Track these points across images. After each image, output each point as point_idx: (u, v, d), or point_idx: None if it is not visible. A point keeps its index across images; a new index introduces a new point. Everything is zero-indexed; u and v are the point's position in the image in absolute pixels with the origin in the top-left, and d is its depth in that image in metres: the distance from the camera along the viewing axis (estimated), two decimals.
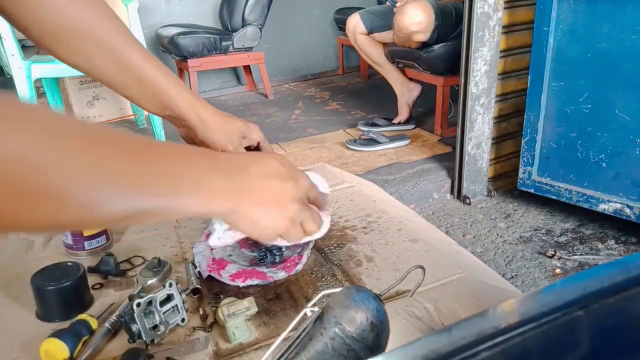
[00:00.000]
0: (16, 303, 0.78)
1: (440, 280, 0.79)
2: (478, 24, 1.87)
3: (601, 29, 1.62)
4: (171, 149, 0.46)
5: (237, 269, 0.83)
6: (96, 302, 0.78)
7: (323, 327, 0.50)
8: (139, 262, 0.89)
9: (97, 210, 0.38)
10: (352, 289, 0.54)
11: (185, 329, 0.71)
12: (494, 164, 2.24)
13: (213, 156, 0.53)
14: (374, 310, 0.52)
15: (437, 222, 2.05)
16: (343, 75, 4.41)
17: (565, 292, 0.37)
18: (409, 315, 0.71)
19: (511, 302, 0.40)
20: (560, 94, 1.79)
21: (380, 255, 0.87)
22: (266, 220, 0.53)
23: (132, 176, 0.40)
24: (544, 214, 2.04)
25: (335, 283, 0.80)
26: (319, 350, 0.49)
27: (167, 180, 0.43)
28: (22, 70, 2.26)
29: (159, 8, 3.71)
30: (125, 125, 3.15)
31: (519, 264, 1.73)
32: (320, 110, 3.33)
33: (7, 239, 0.99)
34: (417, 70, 2.71)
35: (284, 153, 2.52)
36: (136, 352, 0.63)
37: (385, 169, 2.26)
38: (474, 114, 2.04)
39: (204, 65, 3.38)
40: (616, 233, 1.86)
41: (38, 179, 0.33)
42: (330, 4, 4.35)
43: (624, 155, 1.68)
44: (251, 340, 0.68)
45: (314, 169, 1.31)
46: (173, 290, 0.69)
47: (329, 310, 0.52)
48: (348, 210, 1.06)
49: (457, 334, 0.33)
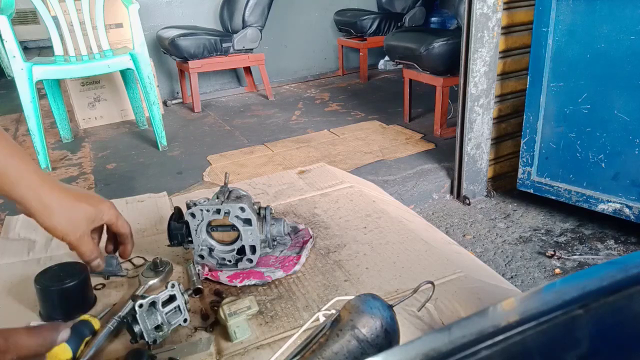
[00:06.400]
0: (19, 303, 0.78)
1: (440, 279, 0.79)
2: (477, 25, 1.88)
3: (600, 30, 1.62)
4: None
5: (233, 270, 0.84)
6: (99, 303, 0.78)
7: (339, 330, 0.52)
8: (141, 262, 0.90)
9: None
10: (368, 296, 0.56)
11: (187, 329, 0.71)
12: (494, 165, 2.25)
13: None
14: (388, 319, 0.54)
15: (437, 223, 2.06)
16: (343, 76, 4.42)
17: (565, 291, 0.37)
18: (410, 315, 0.71)
19: (511, 301, 0.40)
20: (560, 94, 1.79)
21: (380, 255, 0.88)
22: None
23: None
24: (544, 214, 2.04)
25: (335, 283, 0.80)
26: (334, 351, 0.51)
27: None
28: (24, 72, 2.27)
29: (159, 10, 3.72)
30: (127, 126, 3.16)
31: (518, 264, 1.73)
32: (321, 111, 3.34)
33: (9, 240, 0.99)
34: (416, 71, 2.72)
35: (271, 153, 2.53)
36: (139, 352, 0.64)
37: (386, 169, 2.26)
38: (473, 115, 2.05)
39: (204, 67, 3.38)
40: (615, 233, 1.87)
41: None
42: (330, 5, 4.36)
43: (623, 156, 1.69)
44: (252, 339, 0.68)
45: (314, 169, 1.31)
46: (175, 290, 0.69)
47: (346, 314, 0.53)
48: (348, 210, 1.06)
49: (457, 332, 0.33)
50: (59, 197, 0.65)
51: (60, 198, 0.65)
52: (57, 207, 0.64)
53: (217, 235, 0.82)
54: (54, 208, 0.64)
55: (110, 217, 0.71)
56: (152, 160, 2.56)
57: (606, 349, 0.36)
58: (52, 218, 0.64)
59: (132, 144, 2.83)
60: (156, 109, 2.59)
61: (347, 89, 3.92)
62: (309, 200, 1.12)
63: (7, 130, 3.31)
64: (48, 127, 3.13)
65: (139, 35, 2.49)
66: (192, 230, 0.81)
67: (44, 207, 0.63)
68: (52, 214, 0.64)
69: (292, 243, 0.92)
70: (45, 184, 0.64)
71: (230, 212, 0.78)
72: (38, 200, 0.63)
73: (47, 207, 0.64)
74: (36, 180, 0.63)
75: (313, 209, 1.08)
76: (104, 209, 0.70)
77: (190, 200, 0.82)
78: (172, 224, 0.82)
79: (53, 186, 0.65)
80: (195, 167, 2.42)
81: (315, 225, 1.00)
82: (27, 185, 0.63)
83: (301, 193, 1.17)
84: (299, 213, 1.06)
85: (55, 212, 0.64)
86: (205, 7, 3.86)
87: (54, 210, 0.64)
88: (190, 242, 0.83)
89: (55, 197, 0.64)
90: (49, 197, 0.64)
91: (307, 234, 0.94)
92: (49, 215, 0.64)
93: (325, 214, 1.05)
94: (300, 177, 1.27)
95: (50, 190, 0.64)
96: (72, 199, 0.66)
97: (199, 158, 2.55)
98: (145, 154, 2.66)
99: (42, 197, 0.63)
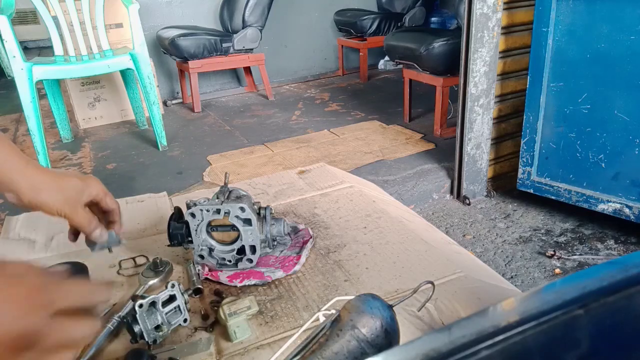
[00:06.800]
0: None
1: (440, 279, 0.79)
2: (477, 25, 1.88)
3: (600, 30, 1.62)
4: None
5: (233, 270, 0.84)
6: None
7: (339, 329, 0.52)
8: (143, 261, 0.90)
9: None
10: (368, 296, 0.56)
11: (187, 329, 0.71)
12: (494, 165, 2.25)
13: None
14: (388, 319, 0.54)
15: (437, 223, 2.06)
16: (343, 76, 4.42)
17: (565, 291, 0.37)
18: (410, 315, 0.71)
19: (511, 301, 0.40)
20: (560, 94, 1.79)
21: (380, 255, 0.88)
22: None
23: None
24: (544, 214, 2.04)
25: (335, 283, 0.80)
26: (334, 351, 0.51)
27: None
28: (24, 72, 2.27)
29: (159, 10, 3.72)
30: (127, 127, 3.16)
31: (518, 264, 1.73)
32: (321, 111, 3.34)
33: (9, 240, 0.99)
34: (416, 71, 2.72)
35: (271, 153, 2.53)
36: (139, 352, 0.64)
37: (386, 169, 2.26)
38: (473, 115, 2.05)
39: (204, 67, 3.38)
40: (615, 233, 1.87)
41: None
42: (330, 5, 4.36)
43: (623, 156, 1.69)
44: (252, 339, 0.68)
45: (314, 169, 1.31)
46: (175, 290, 0.69)
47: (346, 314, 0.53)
48: (348, 210, 1.06)
49: (457, 332, 0.33)
50: (44, 175, 0.66)
51: (46, 175, 0.66)
52: (45, 184, 0.65)
53: (217, 235, 0.83)
54: (41, 185, 0.65)
55: (98, 192, 0.71)
56: (152, 160, 2.56)
57: (606, 349, 0.36)
58: (41, 194, 0.65)
59: (132, 144, 2.83)
60: (156, 109, 2.59)
61: (347, 89, 3.92)
62: (309, 200, 1.12)
63: (7, 130, 3.32)
64: (48, 127, 3.13)
65: (139, 35, 2.49)
66: (192, 230, 0.81)
67: (32, 186, 0.65)
68: (40, 191, 0.65)
69: (292, 243, 0.92)
70: (29, 165, 0.65)
71: (230, 212, 0.79)
72: (25, 180, 0.64)
73: (35, 185, 0.65)
74: (20, 161, 0.65)
75: (313, 209, 1.08)
76: (91, 183, 0.71)
77: (190, 200, 0.82)
78: (172, 224, 0.83)
79: (37, 166, 0.67)
80: (195, 167, 2.42)
81: (315, 225, 1.00)
82: (11, 167, 0.64)
83: (301, 193, 1.17)
84: (299, 213, 1.06)
85: (43, 189, 0.65)
86: (205, 7, 3.86)
87: (42, 187, 0.65)
88: (190, 242, 0.83)
89: (40, 175, 0.66)
90: (35, 176, 0.65)
91: (307, 234, 0.94)
92: (38, 192, 0.65)
93: (325, 214, 1.05)
94: (300, 177, 1.27)
95: (35, 169, 0.66)
96: (57, 176, 0.67)
97: (199, 158, 2.55)
98: (145, 154, 2.66)
99: (28, 176, 0.65)
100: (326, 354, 0.51)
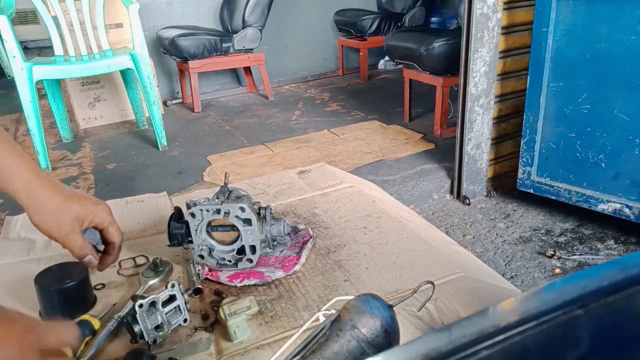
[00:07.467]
0: (19, 303, 0.78)
1: (440, 279, 0.79)
2: (477, 25, 1.88)
3: (600, 30, 1.62)
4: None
5: (233, 270, 0.84)
6: (98, 303, 0.78)
7: (339, 329, 0.52)
8: (143, 261, 0.90)
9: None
10: (368, 296, 0.56)
11: (187, 329, 0.71)
12: (494, 165, 2.25)
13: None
14: (388, 319, 0.54)
15: (437, 223, 2.06)
16: (343, 76, 4.42)
17: (565, 291, 0.37)
18: (410, 315, 0.71)
19: (511, 301, 0.40)
20: (560, 94, 1.79)
21: (380, 255, 0.88)
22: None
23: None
24: (544, 214, 2.04)
25: (335, 283, 0.80)
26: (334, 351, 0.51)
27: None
28: (24, 71, 2.27)
29: (159, 10, 3.72)
30: (127, 127, 3.16)
31: (518, 264, 1.73)
32: (321, 111, 3.34)
33: (9, 240, 0.99)
34: (416, 71, 2.72)
35: (271, 153, 2.53)
36: (139, 352, 0.64)
37: (386, 169, 2.26)
38: (473, 115, 2.05)
39: (204, 67, 3.38)
40: (615, 233, 1.87)
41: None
42: (330, 5, 4.36)
43: (623, 156, 1.69)
44: (252, 339, 0.68)
45: (314, 169, 1.31)
46: (175, 290, 0.69)
47: (346, 314, 0.53)
48: (348, 210, 1.06)
49: (457, 332, 0.33)
50: (48, 194, 0.66)
51: (50, 195, 0.66)
52: (44, 204, 0.65)
53: (217, 235, 0.83)
54: (40, 205, 0.65)
55: (102, 220, 0.71)
56: (152, 160, 2.56)
57: (606, 349, 0.36)
58: (37, 215, 0.65)
59: (132, 144, 2.83)
60: (156, 109, 2.59)
61: (347, 89, 3.92)
62: (309, 200, 1.12)
63: (7, 130, 3.31)
64: (48, 127, 3.13)
65: (139, 35, 2.49)
66: (192, 230, 0.81)
67: (32, 203, 0.65)
68: (37, 211, 0.65)
69: (292, 243, 0.92)
70: (37, 181, 0.65)
71: (230, 212, 0.79)
72: (28, 196, 0.65)
73: (34, 203, 0.65)
74: (29, 176, 0.65)
75: (313, 209, 1.08)
76: (97, 210, 0.70)
77: (190, 200, 0.82)
78: (172, 224, 0.83)
79: (45, 184, 0.66)
80: (195, 167, 2.42)
81: (315, 225, 1.00)
82: (19, 180, 0.64)
83: (301, 193, 1.17)
84: (299, 213, 1.06)
85: (40, 209, 0.65)
86: (205, 7, 3.86)
87: (40, 206, 0.65)
88: (190, 242, 0.83)
89: (44, 194, 0.65)
90: (38, 194, 0.65)
91: (307, 234, 0.94)
92: (35, 212, 0.65)
93: (325, 214, 1.05)
94: (300, 177, 1.27)
95: (42, 187, 0.65)
96: (62, 198, 0.67)
97: (199, 158, 2.55)
98: (145, 154, 2.66)
99: (32, 193, 0.65)
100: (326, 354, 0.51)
